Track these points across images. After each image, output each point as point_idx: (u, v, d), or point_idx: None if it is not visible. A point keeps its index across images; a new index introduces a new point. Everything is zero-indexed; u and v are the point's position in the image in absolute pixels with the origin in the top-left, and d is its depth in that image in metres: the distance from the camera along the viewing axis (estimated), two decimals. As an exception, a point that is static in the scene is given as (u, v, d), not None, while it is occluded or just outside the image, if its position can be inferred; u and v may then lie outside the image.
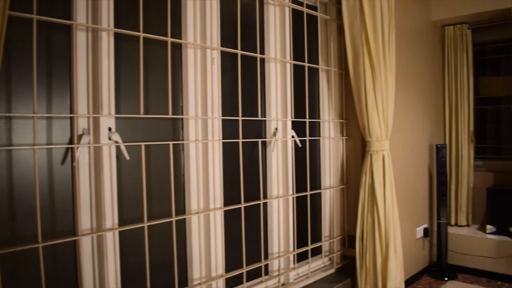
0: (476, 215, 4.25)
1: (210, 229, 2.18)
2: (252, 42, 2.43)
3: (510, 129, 4.04)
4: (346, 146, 3.12)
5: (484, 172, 4.23)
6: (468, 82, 4.09)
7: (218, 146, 2.21)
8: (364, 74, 2.69)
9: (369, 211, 2.77)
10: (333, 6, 3.03)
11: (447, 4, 4.00)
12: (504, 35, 4.13)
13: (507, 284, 3.62)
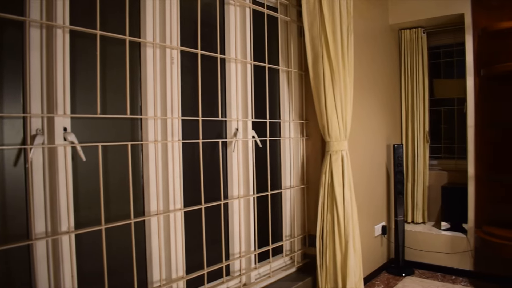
0: (432, 213, 4.41)
1: (170, 230, 2.16)
2: (213, 42, 2.42)
3: (462, 129, 4.20)
4: (306, 146, 3.16)
5: (438, 171, 4.39)
6: (423, 84, 4.23)
7: (178, 147, 2.19)
8: (323, 75, 2.74)
9: (328, 210, 2.82)
10: (294, 8, 3.06)
11: (403, 9, 4.12)
12: (457, 39, 4.30)
13: (461, 278, 3.77)
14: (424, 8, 4.01)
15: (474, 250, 3.75)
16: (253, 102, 2.68)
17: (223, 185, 2.47)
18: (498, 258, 3.53)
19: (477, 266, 3.76)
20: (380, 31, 4.00)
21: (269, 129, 2.81)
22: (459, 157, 4.39)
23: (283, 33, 3.02)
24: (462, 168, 4.16)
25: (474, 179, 3.74)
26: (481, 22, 3.72)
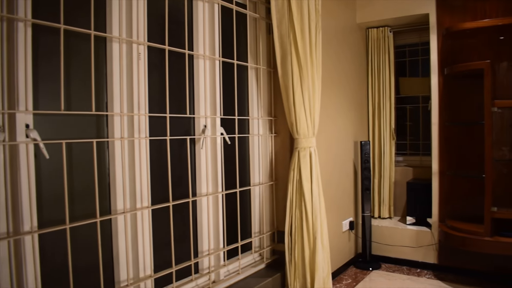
0: (398, 208, 4.51)
1: (137, 229, 2.13)
2: (181, 38, 2.40)
3: (427, 126, 4.31)
4: (275, 143, 3.18)
5: (404, 167, 4.49)
6: (389, 82, 4.32)
7: (145, 144, 2.16)
8: (292, 72, 2.75)
9: (297, 206, 2.84)
10: (263, 5, 3.06)
11: (370, 8, 4.19)
12: (422, 39, 4.41)
13: (426, 271, 3.88)
14: (390, 8, 4.08)
15: (438, 244, 3.86)
16: (222, 99, 2.67)
17: (192, 182, 2.46)
18: (461, 251, 3.65)
19: (441, 259, 3.88)
20: (348, 29, 4.06)
21: (237, 126, 2.81)
22: (423, 153, 4.51)
23: (252, 30, 3.02)
24: (427, 164, 4.28)
25: (438, 175, 3.85)
26: (445, 22, 3.83)
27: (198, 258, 2.52)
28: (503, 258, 3.52)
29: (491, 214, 3.28)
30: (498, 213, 3.29)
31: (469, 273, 3.73)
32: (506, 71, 3.60)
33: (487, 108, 3.28)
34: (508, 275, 3.57)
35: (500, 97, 3.58)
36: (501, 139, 3.60)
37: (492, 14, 3.65)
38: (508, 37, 3.58)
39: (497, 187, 3.59)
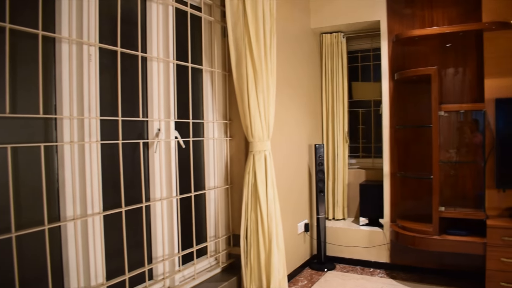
0: (351, 209, 4.61)
1: (88, 235, 2.07)
2: (134, 40, 2.35)
3: (378, 130, 4.44)
4: (230, 146, 3.18)
5: (357, 169, 4.60)
6: (343, 86, 4.41)
7: (96, 148, 2.10)
8: (246, 76, 2.76)
9: (252, 209, 2.85)
10: (218, 8, 3.06)
11: (324, 14, 4.27)
12: (374, 45, 4.54)
13: (378, 270, 3.99)
14: (343, 14, 4.18)
15: (390, 243, 3.98)
16: (176, 102, 2.64)
17: (145, 187, 2.41)
18: (411, 249, 3.78)
19: (393, 258, 4.00)
20: (303, 34, 4.12)
21: (192, 130, 2.78)
22: (375, 156, 4.64)
23: (207, 33, 3.01)
24: (379, 166, 4.40)
25: (389, 177, 3.97)
26: (395, 29, 3.97)
27: (152, 264, 2.48)
28: (451, 255, 3.68)
29: (439, 213, 3.42)
30: (445, 213, 3.43)
31: (420, 270, 3.87)
32: (452, 77, 3.78)
33: (435, 112, 3.42)
34: (455, 271, 3.74)
35: (446, 101, 3.75)
36: (448, 142, 3.76)
37: (439, 22, 3.82)
38: (454, 44, 3.76)
39: (445, 188, 3.76)
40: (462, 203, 3.71)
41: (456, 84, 3.78)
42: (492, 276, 3.14)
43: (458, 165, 3.75)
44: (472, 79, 3.70)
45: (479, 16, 3.50)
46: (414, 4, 3.93)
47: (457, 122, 3.74)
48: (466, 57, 3.73)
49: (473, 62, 3.69)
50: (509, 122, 3.33)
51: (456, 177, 3.76)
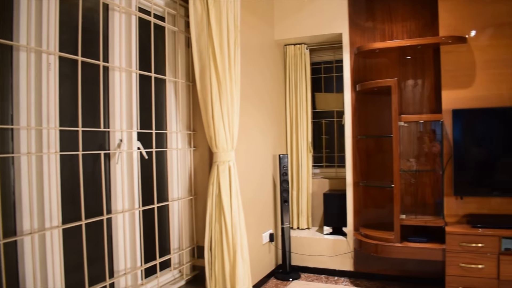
0: (315, 218, 4.66)
1: (46, 250, 1.99)
2: (96, 49, 2.31)
3: (341, 140, 4.52)
4: (194, 157, 3.15)
5: (321, 179, 4.66)
6: (306, 97, 4.47)
7: (55, 159, 2.04)
8: (210, 86, 2.76)
9: (216, 220, 2.83)
10: (182, 19, 3.05)
11: (287, 26, 4.33)
12: (336, 56, 4.64)
13: (343, 279, 4.03)
14: (306, 26, 4.25)
15: (354, 252, 4.04)
16: (139, 112, 2.60)
17: (106, 199, 2.36)
18: (374, 257, 3.85)
19: (356, 266, 4.06)
20: (267, 45, 4.16)
21: (155, 140, 2.75)
22: (339, 165, 4.71)
23: (171, 43, 3.00)
24: (342, 176, 4.47)
25: (352, 186, 4.04)
26: (357, 42, 4.07)
27: (114, 278, 2.42)
28: (412, 261, 3.78)
29: (400, 221, 3.49)
30: (406, 220, 3.52)
31: (382, 278, 3.94)
32: (412, 88, 3.90)
33: (395, 122, 3.51)
34: (417, 277, 3.83)
35: (406, 112, 3.87)
36: (408, 151, 3.86)
37: (399, 35, 3.95)
38: (413, 57, 3.89)
39: (406, 196, 3.86)
40: (422, 210, 3.82)
41: (415, 96, 3.90)
42: (452, 281, 3.23)
43: (418, 174, 3.86)
44: (430, 91, 3.84)
45: (436, 30, 3.65)
46: (374, 17, 4.06)
47: (416, 132, 3.86)
48: (425, 70, 3.86)
49: (431, 74, 3.83)
50: (465, 132, 3.46)
51: (416, 185, 3.87)
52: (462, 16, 3.53)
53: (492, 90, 3.44)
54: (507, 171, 3.41)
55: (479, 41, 3.49)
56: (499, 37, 3.44)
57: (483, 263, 3.14)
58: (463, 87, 3.52)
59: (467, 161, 3.46)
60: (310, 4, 4.22)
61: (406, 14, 3.94)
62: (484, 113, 3.43)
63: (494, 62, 3.45)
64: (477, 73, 3.49)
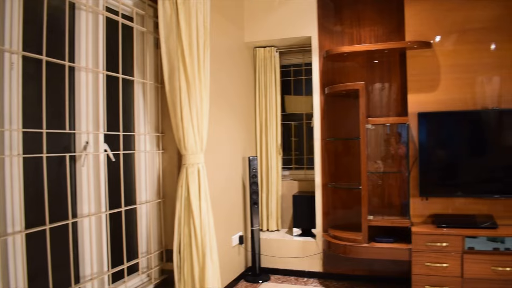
0: (285, 220, 4.68)
1: (8, 256, 1.93)
2: (62, 49, 2.25)
3: (310, 142, 4.56)
4: (163, 159, 3.12)
5: (290, 181, 4.68)
6: (276, 99, 4.49)
7: (17, 162, 1.97)
8: (179, 88, 2.73)
9: (185, 223, 2.81)
10: (150, 19, 3.01)
11: (257, 28, 4.34)
12: (306, 60, 4.68)
13: (312, 280, 4.07)
14: (276, 29, 4.28)
15: (323, 253, 4.08)
16: (106, 114, 2.55)
17: (72, 202, 2.30)
18: (343, 258, 3.90)
19: (325, 267, 4.10)
20: (236, 47, 4.15)
21: (123, 142, 2.70)
22: (308, 167, 4.75)
23: (139, 44, 2.95)
24: (311, 178, 4.51)
25: (320, 187, 4.08)
26: (326, 45, 4.12)
27: (79, 283, 2.36)
28: (380, 261, 3.85)
29: (368, 222, 3.55)
30: (373, 221, 3.58)
31: (351, 278, 4.00)
32: (379, 92, 3.98)
33: (362, 125, 3.57)
34: (384, 277, 3.91)
35: (374, 115, 3.94)
36: (375, 153, 3.94)
37: (367, 40, 4.03)
38: (380, 61, 3.97)
39: (373, 197, 3.93)
40: (389, 211, 3.90)
41: (382, 99, 3.98)
42: (418, 280, 3.31)
43: (385, 175, 3.94)
44: (397, 94, 3.92)
45: (403, 35, 3.75)
46: (343, 22, 4.12)
47: (383, 134, 3.94)
48: (391, 74, 3.95)
49: (397, 78, 3.92)
50: (430, 135, 3.56)
51: (384, 186, 3.95)
52: (427, 22, 3.64)
53: (456, 94, 3.56)
54: (470, 172, 3.53)
55: (444, 46, 3.61)
56: (462, 42, 3.56)
57: (448, 262, 3.23)
58: (428, 91, 3.62)
59: (432, 162, 3.56)
60: (280, 7, 4.25)
61: (374, 19, 4.02)
62: (448, 116, 3.54)
63: (458, 67, 3.56)
64: (442, 77, 3.60)
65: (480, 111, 3.48)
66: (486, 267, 3.15)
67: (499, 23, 3.48)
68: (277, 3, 4.25)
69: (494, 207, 3.47)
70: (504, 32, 3.47)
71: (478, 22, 3.52)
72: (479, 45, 3.52)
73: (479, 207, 3.51)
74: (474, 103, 3.53)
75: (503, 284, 3.13)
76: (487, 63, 3.50)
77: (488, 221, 3.32)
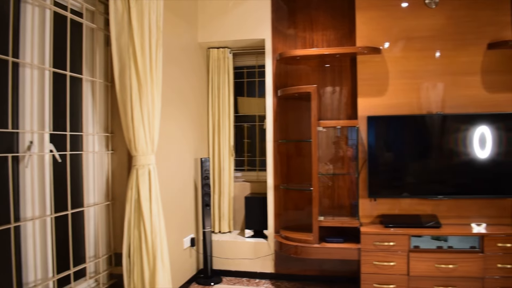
0: (237, 222, 4.67)
1: None
2: (5, 44, 2.14)
3: (263, 144, 4.58)
4: (112, 160, 3.03)
5: (242, 182, 4.69)
6: (229, 101, 4.48)
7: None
8: (130, 87, 2.67)
9: (135, 226, 2.74)
10: (101, 16, 2.93)
11: (211, 29, 4.32)
12: (259, 62, 4.70)
13: (264, 281, 4.09)
14: (230, 30, 4.27)
15: (274, 254, 4.10)
16: (52, 112, 2.45)
17: (14, 205, 2.18)
18: (294, 258, 3.94)
19: (277, 267, 4.13)
20: (190, 48, 4.11)
21: (70, 143, 2.60)
22: (260, 169, 4.77)
23: (89, 41, 2.86)
24: (263, 179, 4.54)
25: (272, 189, 4.11)
26: (279, 48, 4.16)
27: (21, 290, 2.25)
28: (330, 261, 3.93)
29: (318, 223, 3.61)
30: (324, 222, 3.64)
31: (302, 278, 4.05)
32: (331, 95, 4.06)
33: (314, 127, 3.63)
34: (335, 276, 3.99)
35: (325, 117, 4.02)
36: (326, 155, 4.01)
37: (319, 44, 4.11)
38: (332, 65, 4.06)
39: (324, 198, 4.00)
40: (339, 212, 3.98)
41: (333, 102, 4.07)
42: (367, 279, 3.42)
43: (335, 177, 4.02)
44: (348, 98, 4.02)
45: (354, 41, 3.86)
46: (296, 25, 4.17)
47: (334, 137, 4.02)
48: (342, 78, 4.04)
49: (348, 82, 4.02)
50: (378, 137, 3.68)
51: (334, 188, 4.03)
52: (377, 28, 3.76)
53: (403, 98, 3.70)
54: (415, 174, 3.67)
55: (392, 53, 3.74)
56: (410, 49, 3.71)
57: (395, 261, 3.35)
58: (378, 95, 3.74)
59: (380, 165, 3.67)
60: (235, 9, 4.24)
61: (326, 24, 4.10)
62: (396, 120, 3.67)
63: (405, 73, 3.71)
64: (390, 83, 3.73)
65: (425, 116, 3.63)
66: (431, 265, 3.30)
67: (443, 32, 3.66)
68: (232, 4, 4.25)
69: (437, 207, 3.64)
70: (447, 41, 3.65)
71: (424, 31, 3.69)
72: (425, 52, 3.69)
73: (424, 207, 3.67)
74: (420, 107, 3.68)
75: (446, 281, 3.29)
76: (432, 70, 3.67)
77: (432, 221, 3.47)
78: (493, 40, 3.57)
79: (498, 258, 3.24)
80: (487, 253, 3.25)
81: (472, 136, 3.52)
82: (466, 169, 3.56)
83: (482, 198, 3.56)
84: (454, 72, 3.64)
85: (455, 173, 3.59)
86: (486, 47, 3.60)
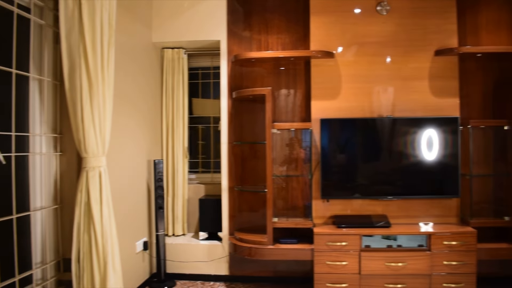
0: (191, 224, 4.63)
1: None
2: None
3: (217, 145, 4.57)
4: (61, 162, 2.93)
5: (196, 184, 4.65)
6: (183, 102, 4.44)
7: None
8: (81, 87, 2.58)
9: (85, 230, 2.66)
10: (50, 12, 2.82)
11: (166, 29, 4.26)
12: (214, 63, 4.69)
13: (218, 283, 4.07)
14: (185, 31, 4.23)
15: (229, 256, 4.10)
16: (-4, 112, 2.34)
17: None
18: (249, 260, 3.96)
19: (232, 269, 4.13)
20: (144, 47, 4.03)
21: (15, 144, 2.49)
22: (214, 171, 4.75)
23: (37, 38, 2.75)
24: (217, 181, 4.52)
25: (227, 191, 4.10)
26: (234, 50, 4.16)
27: (-40, 300, 2.13)
28: (285, 262, 3.98)
29: (273, 224, 3.64)
30: (278, 223, 3.68)
31: (257, 279, 4.07)
32: (285, 98, 4.11)
33: (268, 129, 3.66)
34: (289, 277, 4.04)
35: (279, 120, 4.07)
36: (280, 157, 4.06)
37: (274, 47, 4.15)
38: (287, 68, 4.11)
39: (278, 200, 4.04)
40: (293, 213, 4.04)
41: (288, 104, 4.11)
42: (320, 278, 3.48)
43: (289, 179, 4.07)
44: (302, 100, 4.08)
45: (308, 45, 3.94)
46: (252, 28, 4.19)
47: (288, 139, 4.07)
48: (297, 81, 4.10)
49: (302, 85, 4.08)
50: (331, 140, 3.76)
51: (288, 189, 4.08)
52: (331, 33, 3.85)
53: (355, 102, 3.82)
54: (366, 175, 3.79)
55: (345, 57, 3.84)
56: (361, 54, 3.82)
57: (347, 260, 3.44)
58: (331, 98, 3.83)
59: (332, 166, 3.76)
60: (190, 9, 4.21)
61: (281, 28, 4.15)
62: (348, 123, 3.77)
63: (357, 77, 3.82)
64: (343, 86, 3.83)
65: (375, 119, 3.75)
66: (381, 263, 3.40)
67: (393, 38, 3.80)
68: (187, 4, 4.21)
69: (388, 207, 3.77)
70: (397, 47, 3.80)
71: (375, 37, 3.81)
72: (376, 57, 3.82)
73: (374, 208, 3.79)
74: (371, 111, 3.80)
75: (396, 279, 3.40)
76: (383, 75, 3.81)
77: (382, 221, 3.59)
78: (440, 47, 3.75)
79: (444, 256, 3.40)
80: (434, 251, 3.40)
81: (420, 139, 3.67)
82: (414, 171, 3.71)
83: (429, 198, 3.72)
84: (404, 77, 3.79)
85: (404, 174, 3.73)
86: (433, 54, 3.77)
